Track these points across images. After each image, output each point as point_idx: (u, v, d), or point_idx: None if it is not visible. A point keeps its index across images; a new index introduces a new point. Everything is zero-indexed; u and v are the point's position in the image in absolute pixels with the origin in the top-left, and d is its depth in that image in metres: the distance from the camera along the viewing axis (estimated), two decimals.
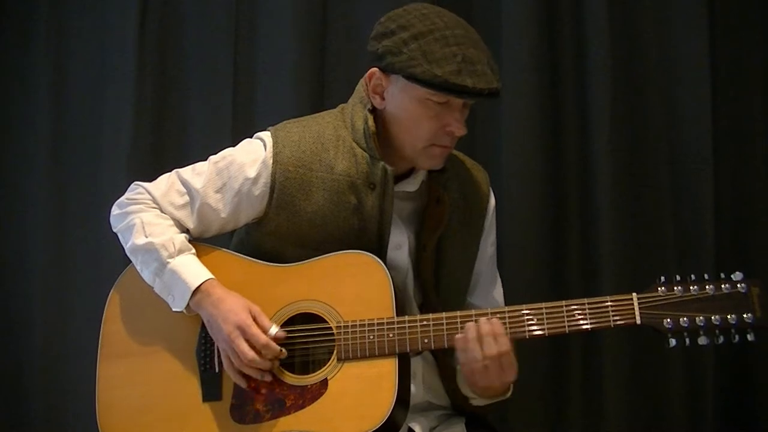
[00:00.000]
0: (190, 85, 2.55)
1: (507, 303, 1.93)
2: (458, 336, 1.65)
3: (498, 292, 1.97)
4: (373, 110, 1.78)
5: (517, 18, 2.38)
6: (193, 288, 1.73)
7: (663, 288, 1.62)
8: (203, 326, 1.77)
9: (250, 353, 1.68)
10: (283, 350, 1.71)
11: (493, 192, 1.97)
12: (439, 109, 1.71)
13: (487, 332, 1.63)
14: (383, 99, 1.77)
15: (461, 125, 1.72)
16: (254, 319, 1.71)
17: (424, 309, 1.82)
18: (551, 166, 2.39)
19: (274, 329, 1.70)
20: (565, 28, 2.41)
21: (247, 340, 1.68)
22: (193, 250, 1.79)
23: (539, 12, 2.39)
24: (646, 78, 2.40)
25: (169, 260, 1.75)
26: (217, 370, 1.76)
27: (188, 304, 1.74)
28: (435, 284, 1.83)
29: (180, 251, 1.76)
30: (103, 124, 2.56)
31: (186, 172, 1.84)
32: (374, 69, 1.76)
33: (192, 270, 1.75)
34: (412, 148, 1.75)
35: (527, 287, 2.24)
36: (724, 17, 2.39)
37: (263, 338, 1.68)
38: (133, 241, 1.79)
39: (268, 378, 1.71)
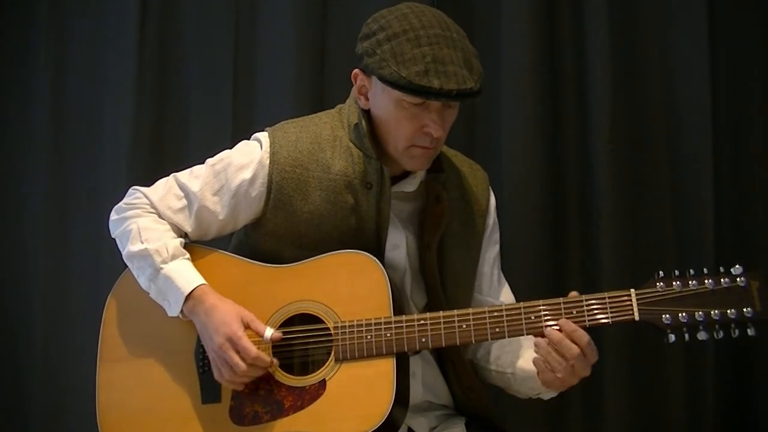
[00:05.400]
0: (190, 85, 2.55)
1: None
2: (535, 357, 1.63)
3: (506, 293, 1.95)
4: (367, 110, 1.78)
5: (517, 18, 2.38)
6: (185, 294, 1.72)
7: (661, 283, 1.60)
8: None
9: (242, 365, 1.67)
10: (275, 360, 1.70)
11: (493, 192, 1.96)
12: (416, 110, 1.69)
13: (558, 339, 1.60)
14: (367, 100, 1.76)
15: (438, 126, 1.69)
16: (248, 326, 1.70)
17: (429, 309, 1.80)
18: (551, 166, 2.39)
19: (268, 332, 1.70)
20: (565, 27, 2.41)
21: (238, 352, 1.67)
22: (187, 255, 1.79)
23: (539, 12, 2.39)
24: (646, 77, 2.40)
25: (162, 266, 1.74)
26: None
27: (182, 310, 1.74)
28: (441, 284, 1.82)
29: (173, 256, 1.75)
30: (103, 124, 2.56)
31: (183, 175, 1.84)
32: (357, 70, 1.76)
33: (184, 275, 1.74)
34: (395, 149, 1.75)
35: (527, 287, 2.23)
36: (724, 17, 2.39)
37: (253, 351, 1.67)
38: (129, 248, 1.79)
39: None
